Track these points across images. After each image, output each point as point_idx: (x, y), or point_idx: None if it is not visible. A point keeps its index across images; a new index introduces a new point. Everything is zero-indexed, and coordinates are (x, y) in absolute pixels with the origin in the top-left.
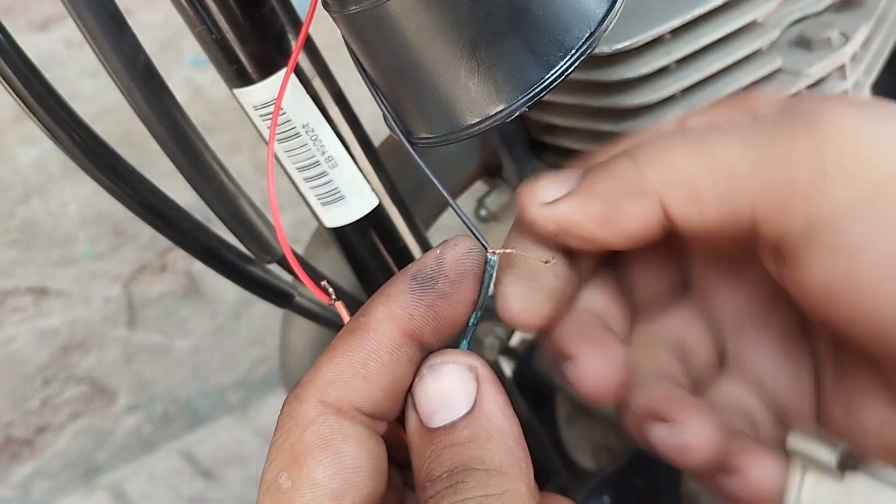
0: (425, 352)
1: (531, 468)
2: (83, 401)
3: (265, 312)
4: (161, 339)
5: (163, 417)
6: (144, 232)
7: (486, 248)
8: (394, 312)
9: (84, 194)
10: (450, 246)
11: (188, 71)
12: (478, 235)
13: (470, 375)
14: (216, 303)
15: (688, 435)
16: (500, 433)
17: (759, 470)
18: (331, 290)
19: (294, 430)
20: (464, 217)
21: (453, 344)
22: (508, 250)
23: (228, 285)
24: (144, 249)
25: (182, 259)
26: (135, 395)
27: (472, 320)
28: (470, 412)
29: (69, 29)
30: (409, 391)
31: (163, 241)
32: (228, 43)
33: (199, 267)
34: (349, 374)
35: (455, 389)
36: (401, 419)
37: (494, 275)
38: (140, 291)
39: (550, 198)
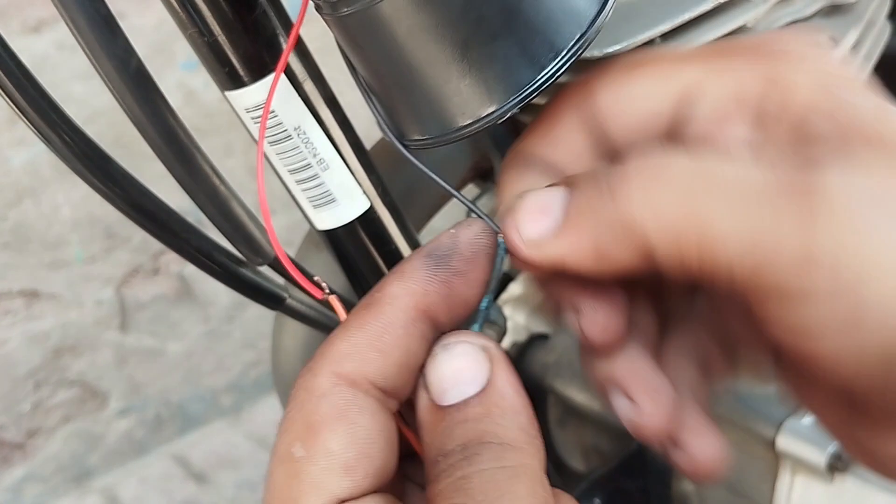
0: (438, 331)
1: (543, 448)
2: (75, 404)
3: (258, 315)
4: (153, 342)
5: (155, 421)
6: (137, 235)
7: (497, 232)
8: (409, 288)
9: (76, 197)
10: (464, 226)
11: (181, 74)
12: (488, 220)
13: (483, 355)
14: (209, 306)
15: (644, 415)
16: (513, 410)
17: (700, 446)
18: (324, 284)
19: (308, 402)
20: (470, 205)
21: (465, 326)
22: None
23: (221, 288)
24: (137, 252)
25: (175, 262)
26: (127, 398)
27: (484, 303)
28: (483, 390)
29: (62, 32)
30: (422, 370)
31: (155, 244)
32: (220, 45)
33: (191, 270)
34: (364, 346)
35: (468, 368)
36: (409, 403)
37: (505, 258)
38: (132, 294)
39: (535, 232)
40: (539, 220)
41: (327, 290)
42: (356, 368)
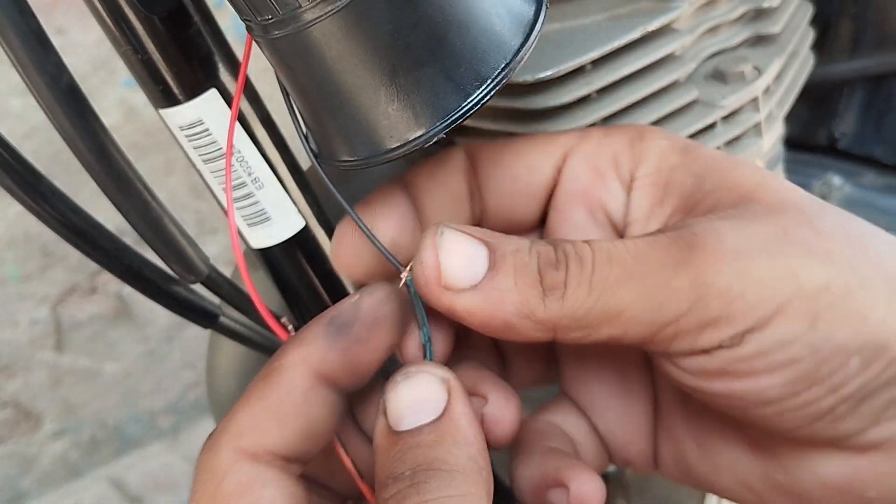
0: (342, 394)
1: (492, 479)
2: (7, 426)
3: (197, 336)
4: (90, 362)
5: (91, 443)
6: (74, 253)
7: (401, 270)
8: (308, 356)
9: (11, 215)
10: (367, 293)
11: (122, 91)
12: (388, 256)
13: (441, 385)
14: (147, 326)
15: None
16: (465, 441)
17: (581, 484)
18: (290, 326)
19: (212, 483)
20: (370, 236)
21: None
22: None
23: (160, 308)
24: (73, 271)
25: (112, 281)
26: (61, 420)
27: (424, 338)
28: (438, 418)
29: None
30: (382, 396)
31: (92, 263)
32: (154, 63)
33: (129, 289)
34: (263, 418)
35: (426, 396)
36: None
37: (416, 293)
38: (69, 314)
39: (455, 278)
40: (462, 267)
41: (292, 333)
42: (256, 442)
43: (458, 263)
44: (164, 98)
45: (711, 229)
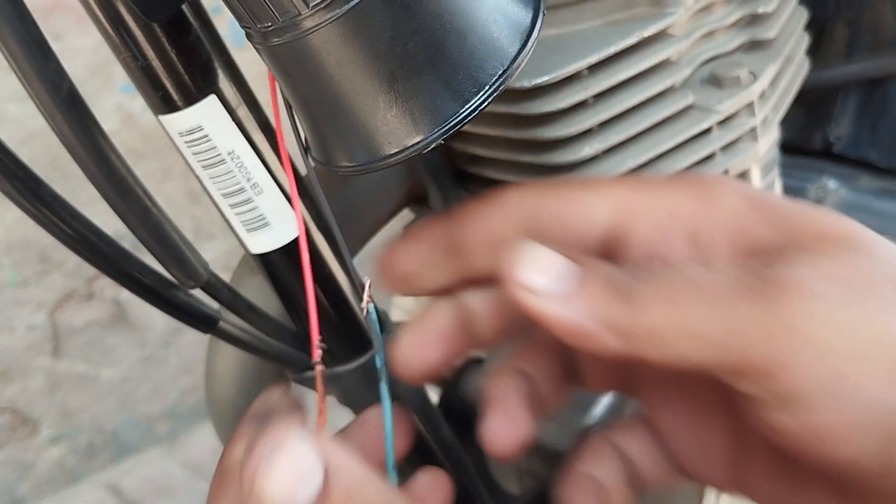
0: None
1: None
2: (5, 431)
3: (195, 341)
4: (87, 368)
5: (88, 449)
6: (71, 259)
7: (363, 286)
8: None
9: (9, 220)
10: (271, 390)
11: (119, 97)
12: (356, 276)
13: (311, 453)
14: (144, 331)
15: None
16: (361, 494)
17: None
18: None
19: None
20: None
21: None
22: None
23: (158, 313)
24: (71, 276)
25: (110, 287)
26: (59, 425)
27: (378, 363)
28: (322, 491)
29: None
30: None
31: (90, 268)
32: (154, 70)
33: (127, 295)
34: None
35: (298, 474)
36: None
37: (375, 319)
38: (66, 319)
39: (543, 287)
40: (549, 275)
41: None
42: None
43: (546, 270)
44: (164, 104)
45: (797, 274)
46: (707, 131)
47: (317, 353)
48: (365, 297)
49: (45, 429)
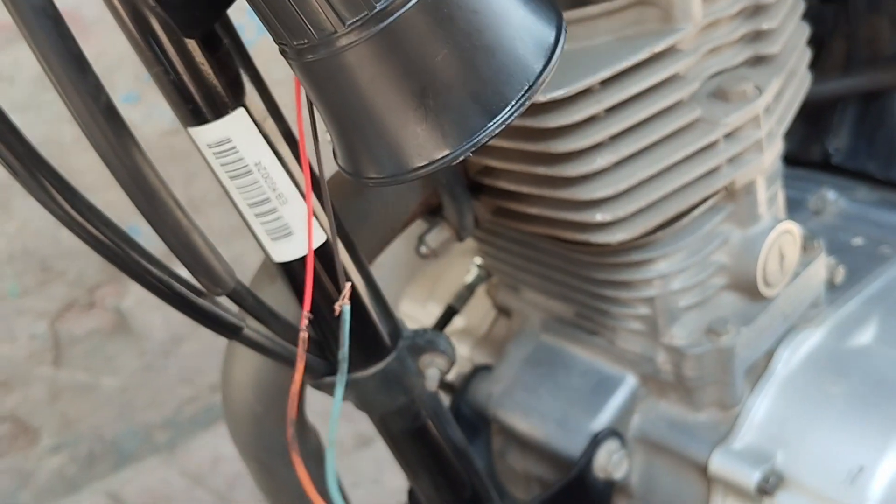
0: None
1: None
2: (5, 440)
3: (195, 351)
4: (87, 377)
5: (88, 457)
6: (72, 268)
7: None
8: None
9: (10, 230)
10: None
11: (121, 106)
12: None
13: None
14: (145, 341)
15: None
16: None
17: None
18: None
19: None
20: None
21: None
22: None
23: (158, 323)
24: (72, 286)
25: (111, 296)
26: (59, 434)
27: (340, 356)
28: None
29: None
30: None
31: (91, 278)
32: (184, 84)
33: (127, 304)
34: None
35: None
36: None
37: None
38: (67, 329)
39: None
40: None
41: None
42: None
43: None
44: (193, 117)
45: None
46: (714, 144)
47: (304, 322)
48: (341, 299)
49: (46, 437)
